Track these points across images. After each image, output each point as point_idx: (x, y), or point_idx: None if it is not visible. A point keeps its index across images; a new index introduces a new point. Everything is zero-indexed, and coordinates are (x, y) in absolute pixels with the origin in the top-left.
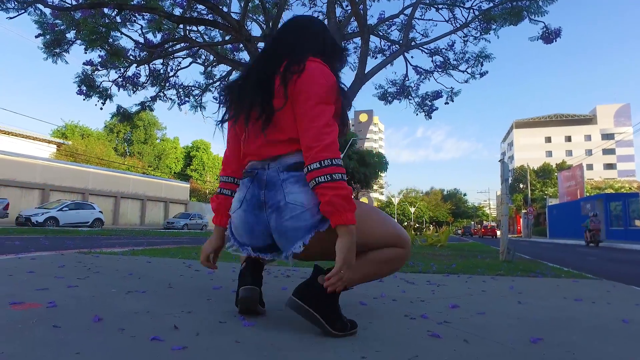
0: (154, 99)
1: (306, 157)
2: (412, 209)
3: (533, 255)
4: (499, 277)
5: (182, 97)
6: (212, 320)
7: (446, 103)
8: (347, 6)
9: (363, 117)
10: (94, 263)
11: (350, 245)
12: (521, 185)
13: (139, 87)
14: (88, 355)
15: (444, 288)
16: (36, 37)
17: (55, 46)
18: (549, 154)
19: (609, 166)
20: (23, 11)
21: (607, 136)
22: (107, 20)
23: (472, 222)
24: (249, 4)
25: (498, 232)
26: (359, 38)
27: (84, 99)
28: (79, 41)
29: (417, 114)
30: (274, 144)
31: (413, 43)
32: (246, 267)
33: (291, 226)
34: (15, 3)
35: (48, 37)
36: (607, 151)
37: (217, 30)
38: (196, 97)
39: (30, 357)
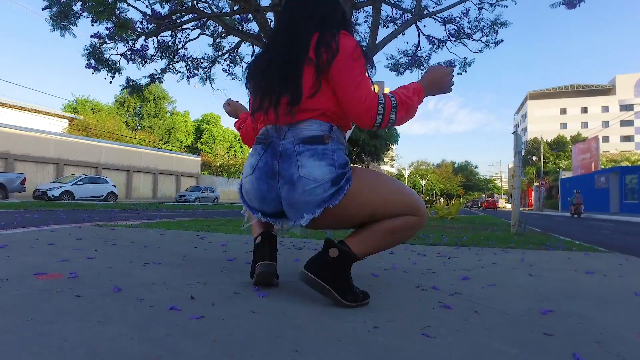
0: (163, 71)
1: (359, 124)
2: (423, 182)
3: (544, 229)
4: (510, 250)
5: (192, 70)
6: (227, 291)
7: (459, 74)
8: None
9: (374, 88)
10: (110, 235)
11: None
12: (534, 158)
13: (148, 60)
14: (110, 324)
15: (455, 260)
16: (43, 9)
17: (62, 18)
18: (564, 125)
19: (626, 138)
20: None
21: (626, 107)
22: None
23: (483, 195)
24: None
25: (505, 205)
26: (370, 7)
27: (92, 73)
28: (85, 13)
29: None
30: (295, 113)
31: (426, 11)
32: (262, 242)
33: (302, 200)
34: None
35: (55, 9)
36: (625, 123)
37: (225, 0)
38: (205, 70)
39: (56, 324)
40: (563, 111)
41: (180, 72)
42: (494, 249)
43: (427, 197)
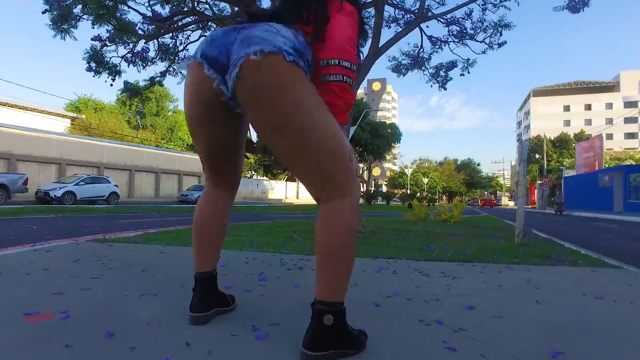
0: (163, 73)
1: (327, 47)
2: (425, 180)
3: (548, 231)
4: (515, 266)
5: None
6: (224, 332)
7: (462, 74)
8: None
9: (376, 86)
10: (107, 255)
11: None
12: (537, 156)
13: (149, 62)
14: None
15: (459, 281)
16: (43, 13)
17: (62, 22)
18: (567, 123)
19: (630, 135)
20: None
21: (630, 104)
22: None
23: (486, 193)
24: None
25: (508, 203)
26: (372, 8)
27: (93, 76)
28: (86, 16)
29: (431, 85)
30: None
31: (430, 13)
32: (194, 287)
33: (260, 35)
34: None
35: (55, 13)
36: (629, 120)
37: (227, 3)
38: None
39: None
40: (567, 108)
41: (181, 72)
42: (499, 265)
43: (429, 195)
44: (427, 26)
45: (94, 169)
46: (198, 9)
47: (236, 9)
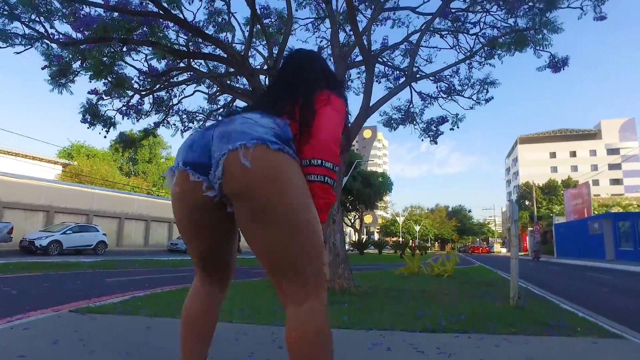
0: (157, 125)
1: (310, 146)
2: (417, 227)
3: (542, 285)
4: (512, 338)
5: (186, 124)
6: None
7: (451, 129)
8: (350, 30)
9: (367, 133)
10: (90, 332)
11: None
12: (527, 202)
13: (143, 115)
14: None
15: (455, 359)
16: (42, 69)
17: (61, 77)
18: (554, 169)
19: (616, 181)
20: (30, 46)
21: (613, 151)
22: (111, 51)
23: (478, 240)
24: (253, 30)
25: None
26: (363, 66)
27: (88, 128)
28: (84, 71)
29: (422, 140)
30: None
31: (418, 75)
32: None
33: (238, 129)
34: (23, 39)
35: (54, 68)
36: (613, 166)
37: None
38: (200, 123)
39: None
40: (553, 155)
41: (174, 125)
42: (496, 336)
43: (421, 242)
44: (416, 82)
45: (83, 216)
46: (193, 65)
47: (231, 68)
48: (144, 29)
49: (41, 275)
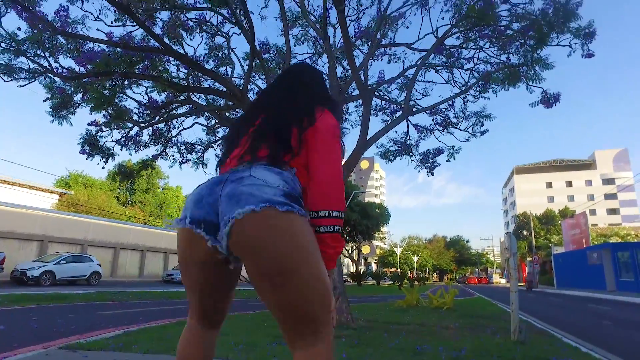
0: (155, 157)
1: (315, 195)
2: (415, 258)
3: (542, 317)
4: None
5: (184, 156)
6: None
7: (448, 161)
8: (347, 65)
9: (364, 164)
10: None
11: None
12: (525, 232)
13: (142, 147)
14: None
15: None
16: (44, 101)
17: (62, 109)
18: (551, 199)
19: (613, 211)
20: (33, 80)
21: (608, 181)
22: (113, 84)
23: (477, 270)
24: (252, 65)
25: (500, 281)
26: (360, 99)
27: (86, 158)
28: (85, 103)
29: (419, 171)
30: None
31: (415, 109)
32: None
33: (247, 191)
34: (27, 73)
35: (56, 100)
36: (609, 196)
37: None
38: (198, 155)
39: None
40: (549, 185)
41: (172, 156)
42: None
43: (420, 274)
44: (413, 115)
45: (77, 246)
46: (193, 97)
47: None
48: (146, 63)
49: (32, 309)
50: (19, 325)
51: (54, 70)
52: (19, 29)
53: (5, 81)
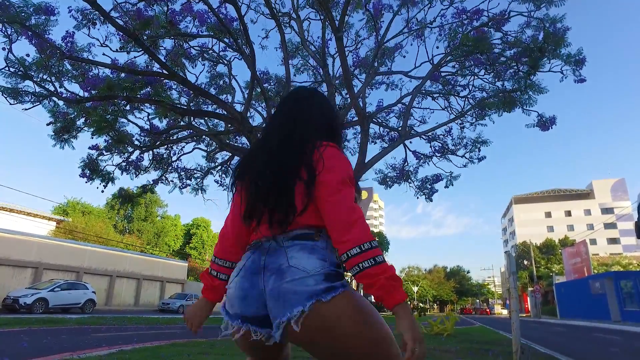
0: (155, 182)
1: (340, 242)
2: (415, 289)
3: (547, 344)
4: None
5: (184, 181)
6: None
7: (446, 187)
8: (346, 94)
9: (363, 195)
10: None
11: (412, 321)
12: (525, 262)
13: (142, 171)
14: None
15: None
16: (47, 124)
17: (64, 133)
18: (551, 229)
19: (613, 240)
20: (38, 103)
21: (607, 210)
22: (115, 108)
23: (477, 301)
24: (253, 92)
25: (501, 312)
26: (359, 125)
27: (86, 182)
28: (87, 127)
29: (417, 197)
30: (286, 226)
31: (412, 132)
32: None
33: (291, 289)
34: (32, 96)
35: (59, 124)
36: (609, 225)
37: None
38: (198, 180)
39: None
40: (548, 214)
41: (172, 181)
42: None
43: (421, 305)
44: (411, 142)
45: (73, 273)
46: (193, 124)
47: (230, 126)
48: (148, 89)
49: (24, 330)
50: (7, 347)
51: (59, 94)
52: (28, 55)
53: (10, 104)
